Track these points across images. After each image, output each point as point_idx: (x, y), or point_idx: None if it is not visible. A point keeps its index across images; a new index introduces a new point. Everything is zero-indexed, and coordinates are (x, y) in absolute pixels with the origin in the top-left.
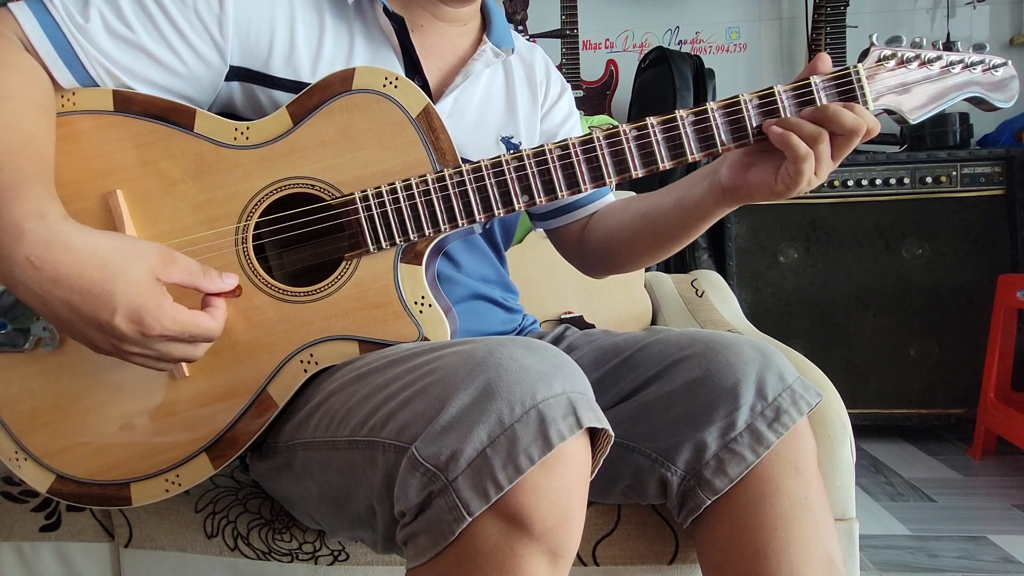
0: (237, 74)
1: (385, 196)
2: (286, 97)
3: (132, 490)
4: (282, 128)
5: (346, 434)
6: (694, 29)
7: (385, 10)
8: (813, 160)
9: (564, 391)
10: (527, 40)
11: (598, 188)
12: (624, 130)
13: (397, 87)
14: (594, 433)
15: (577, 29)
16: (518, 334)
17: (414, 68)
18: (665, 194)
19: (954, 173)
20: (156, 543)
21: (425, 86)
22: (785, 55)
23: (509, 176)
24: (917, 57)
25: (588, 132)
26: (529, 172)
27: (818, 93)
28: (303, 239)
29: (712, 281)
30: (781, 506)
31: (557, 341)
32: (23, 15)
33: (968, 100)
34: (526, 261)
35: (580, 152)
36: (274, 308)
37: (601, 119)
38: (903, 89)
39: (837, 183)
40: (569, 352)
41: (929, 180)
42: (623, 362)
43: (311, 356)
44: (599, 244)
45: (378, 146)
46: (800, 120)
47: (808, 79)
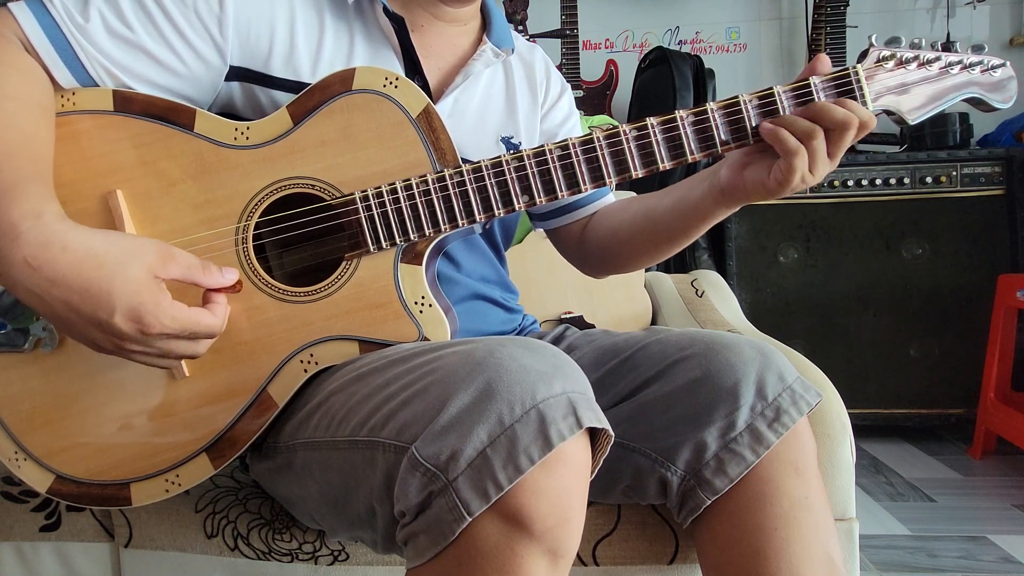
0: (237, 74)
1: (385, 196)
2: (286, 97)
3: (132, 490)
4: (282, 128)
5: (346, 434)
6: (694, 29)
7: (385, 10)
8: (805, 156)
9: (564, 391)
10: (527, 40)
11: (598, 188)
12: (624, 130)
13: (397, 87)
14: (594, 433)
15: (577, 29)
16: (518, 334)
17: (414, 68)
18: (666, 195)
19: (954, 173)
20: (156, 543)
21: (425, 86)
22: (785, 55)
23: (509, 176)
24: (916, 58)
25: (588, 132)
26: (529, 172)
27: (817, 94)
28: (303, 239)
29: (712, 281)
30: (781, 506)
31: (557, 341)
32: (23, 15)
33: (967, 101)
34: (526, 261)
35: (580, 152)
36: (274, 308)
37: (601, 119)
38: (902, 90)
39: (837, 183)
40: (569, 352)
41: (929, 180)
42: (623, 362)
43: (311, 356)
44: (600, 244)
45: (378, 146)
46: (793, 117)
47: (807, 80)
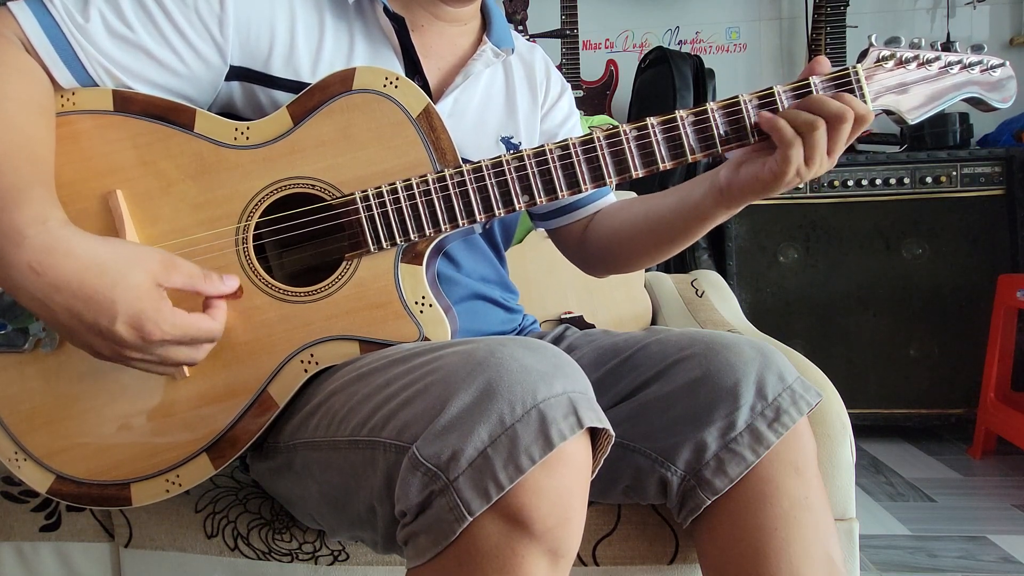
0: (237, 74)
1: (385, 196)
2: (286, 97)
3: (132, 490)
4: (282, 128)
5: (347, 434)
6: (694, 29)
7: (385, 10)
8: (801, 147)
9: (565, 391)
10: (527, 40)
11: (599, 188)
12: (624, 130)
13: (397, 87)
14: (595, 433)
15: (577, 29)
16: (518, 334)
17: (414, 68)
18: (668, 195)
19: (954, 173)
20: (156, 543)
21: (425, 86)
22: (785, 55)
23: (510, 176)
24: (915, 57)
25: (588, 132)
26: (529, 172)
27: (817, 93)
28: (303, 239)
29: (712, 281)
30: (781, 506)
31: (557, 341)
32: (23, 15)
33: (966, 100)
34: (526, 261)
35: (580, 152)
36: (274, 308)
37: (601, 119)
38: (901, 89)
39: (837, 183)
40: (569, 352)
41: (929, 180)
42: (623, 362)
43: (311, 356)
44: (601, 244)
45: (378, 146)
46: (795, 111)
47: (808, 79)
